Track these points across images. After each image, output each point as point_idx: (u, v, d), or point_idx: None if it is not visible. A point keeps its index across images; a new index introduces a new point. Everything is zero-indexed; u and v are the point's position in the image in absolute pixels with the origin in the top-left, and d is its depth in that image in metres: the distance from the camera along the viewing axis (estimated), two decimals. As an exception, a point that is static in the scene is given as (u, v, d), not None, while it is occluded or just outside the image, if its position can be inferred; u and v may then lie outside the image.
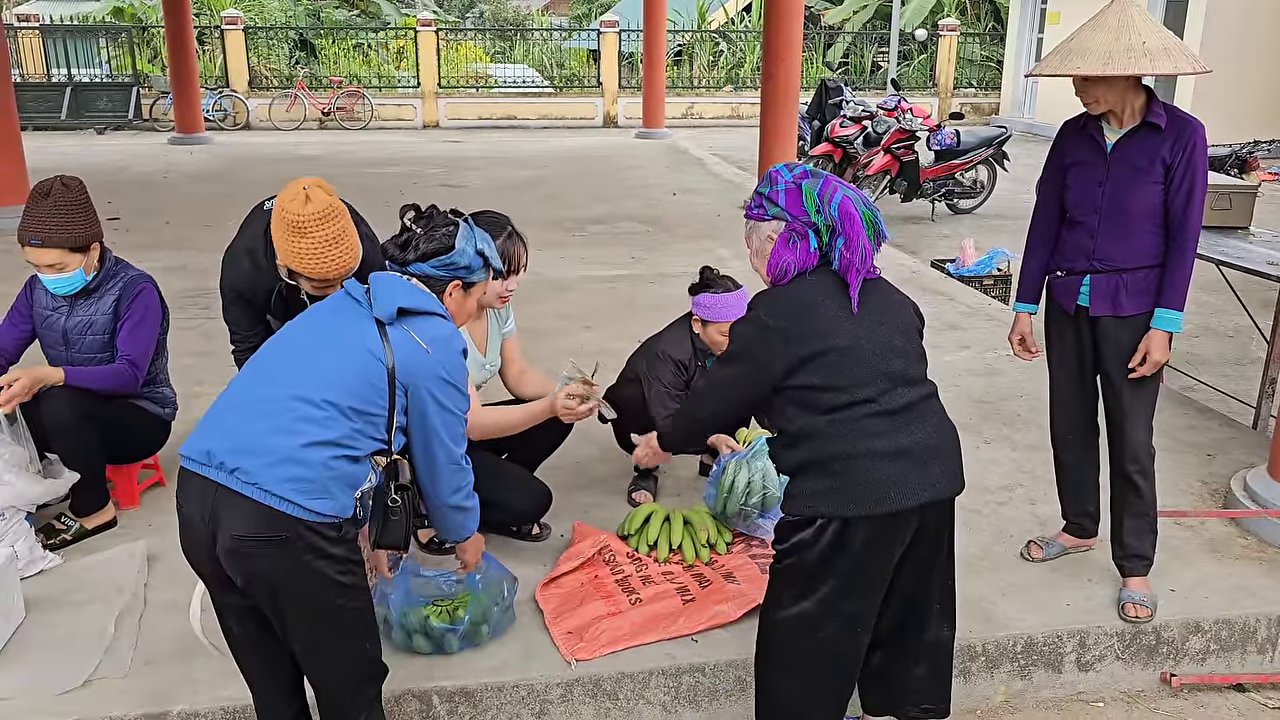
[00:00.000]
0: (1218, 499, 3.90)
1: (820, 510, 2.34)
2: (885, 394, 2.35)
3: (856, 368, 2.34)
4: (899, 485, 2.32)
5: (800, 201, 2.38)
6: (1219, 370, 6.04)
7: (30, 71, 19.39)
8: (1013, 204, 11.22)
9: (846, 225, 2.34)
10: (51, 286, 3.43)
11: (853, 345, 2.34)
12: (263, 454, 2.12)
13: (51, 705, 2.63)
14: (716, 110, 21.05)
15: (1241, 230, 5.08)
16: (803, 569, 2.39)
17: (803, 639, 2.42)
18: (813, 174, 2.42)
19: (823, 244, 2.39)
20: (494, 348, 3.44)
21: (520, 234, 3.26)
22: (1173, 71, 2.85)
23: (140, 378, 3.54)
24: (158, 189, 11.70)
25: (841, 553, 2.34)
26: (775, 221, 2.44)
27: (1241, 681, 3.16)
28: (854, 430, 2.33)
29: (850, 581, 2.37)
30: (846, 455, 2.32)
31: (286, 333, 2.38)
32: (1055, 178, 3.19)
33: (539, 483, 3.39)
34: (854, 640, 2.45)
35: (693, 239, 8.86)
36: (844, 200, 2.35)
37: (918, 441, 2.36)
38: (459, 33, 25.22)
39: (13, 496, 3.14)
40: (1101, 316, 3.09)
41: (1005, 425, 4.58)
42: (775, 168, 2.48)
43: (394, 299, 2.28)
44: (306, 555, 2.13)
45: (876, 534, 2.33)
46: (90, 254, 3.43)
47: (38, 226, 3.29)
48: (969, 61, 22.53)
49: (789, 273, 2.41)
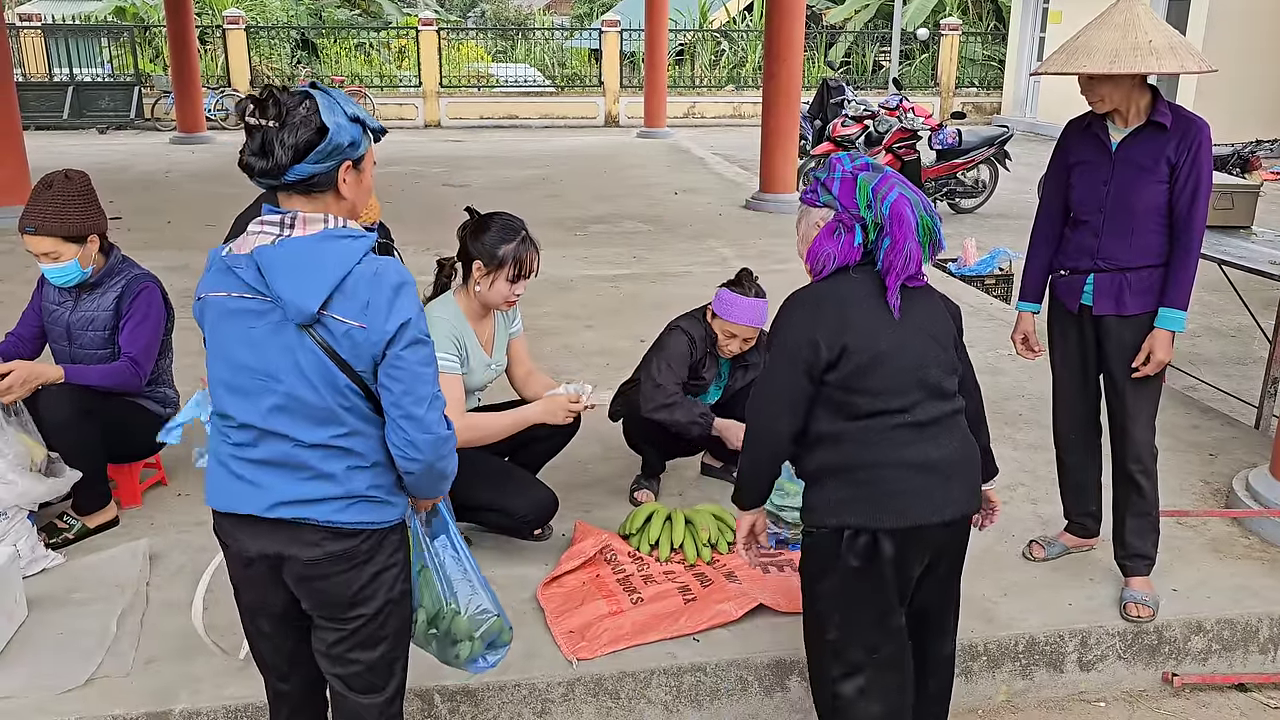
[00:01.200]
0: (1220, 499, 3.90)
1: (845, 520, 2.28)
2: (918, 405, 2.28)
3: (894, 375, 2.26)
4: (922, 498, 2.26)
5: (853, 193, 2.28)
6: (1221, 370, 6.04)
7: (32, 71, 19.41)
8: (1014, 203, 11.22)
9: (895, 226, 2.24)
10: (49, 276, 3.45)
11: (891, 351, 2.26)
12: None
13: (54, 704, 2.63)
14: (718, 110, 21.05)
15: (1244, 230, 5.08)
16: (837, 588, 2.33)
17: (867, 659, 2.35)
18: (874, 168, 2.32)
19: (868, 240, 2.29)
20: (500, 348, 3.44)
21: (533, 239, 3.25)
22: (1179, 70, 2.84)
23: (143, 376, 3.54)
24: (160, 188, 11.71)
25: (874, 566, 2.28)
26: (825, 209, 2.34)
27: (1243, 681, 3.16)
28: (884, 439, 2.27)
29: (888, 596, 2.32)
30: (874, 464, 2.26)
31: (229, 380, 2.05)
32: (1059, 177, 3.18)
33: (544, 488, 3.39)
34: (905, 651, 2.39)
35: (694, 238, 8.86)
36: (898, 200, 2.25)
37: (944, 456, 2.30)
38: (461, 32, 25.22)
39: (16, 495, 3.14)
40: (1105, 316, 3.09)
41: (1007, 425, 4.57)
42: (838, 155, 2.39)
43: (304, 294, 1.91)
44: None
45: (903, 548, 2.28)
46: (88, 246, 3.42)
47: (34, 214, 3.32)
48: (971, 61, 22.52)
49: (827, 266, 2.31)
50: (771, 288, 3.70)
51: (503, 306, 3.29)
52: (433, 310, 3.22)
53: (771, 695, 2.90)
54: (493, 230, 3.20)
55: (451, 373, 3.15)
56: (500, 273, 3.18)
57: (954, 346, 2.40)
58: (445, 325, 3.18)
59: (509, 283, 3.20)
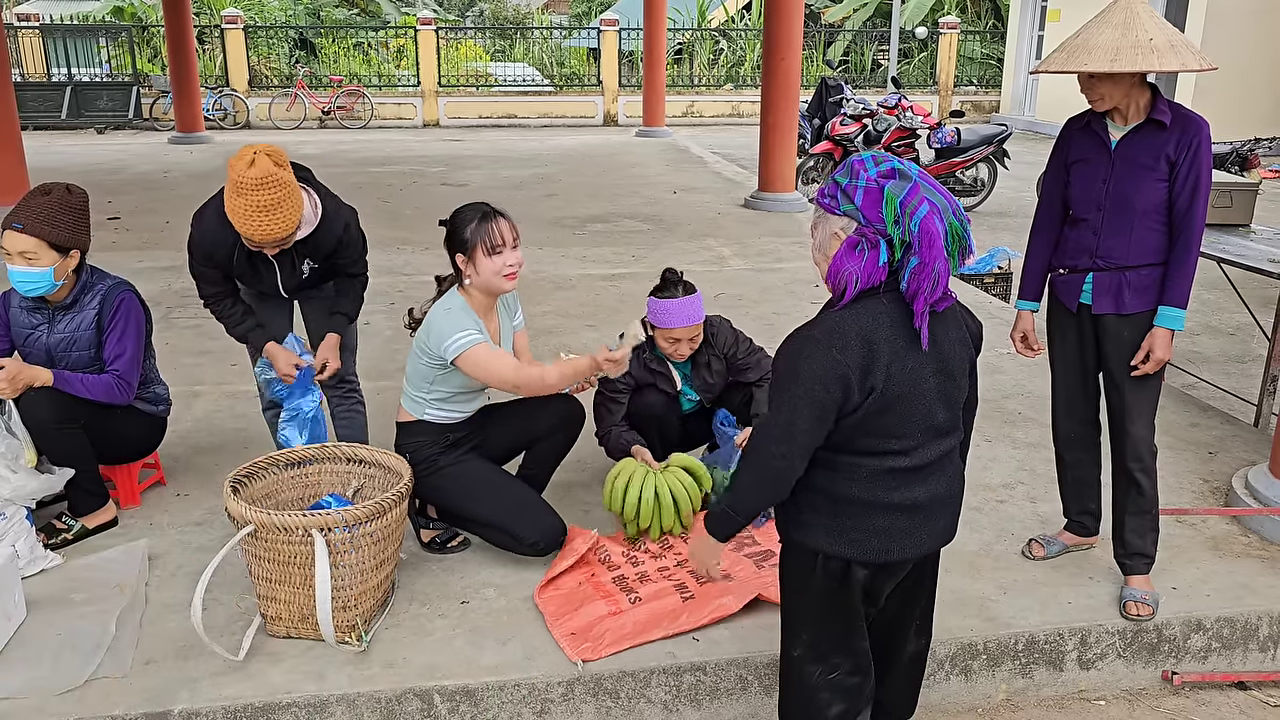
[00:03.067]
0: (1219, 497, 3.90)
1: (821, 547, 2.23)
2: (919, 448, 2.18)
3: (902, 420, 2.14)
4: (905, 537, 2.22)
5: (879, 206, 2.06)
6: (1220, 368, 6.04)
7: (30, 71, 19.40)
8: (1013, 202, 11.23)
9: (924, 247, 2.02)
10: (15, 279, 3.31)
11: (904, 395, 2.11)
12: None
13: (52, 705, 2.63)
14: (717, 108, 21.05)
15: (1242, 228, 5.08)
16: (810, 604, 2.33)
17: (819, 678, 2.35)
18: (901, 175, 2.09)
19: (894, 259, 2.08)
20: (507, 340, 3.45)
21: (498, 211, 3.20)
22: (1179, 69, 2.83)
23: (131, 392, 3.50)
24: (158, 188, 11.70)
25: (846, 591, 2.27)
26: (846, 219, 2.12)
27: (1243, 679, 3.16)
28: (876, 481, 2.18)
29: (854, 620, 2.31)
30: (859, 502, 2.19)
31: None
32: (1059, 175, 3.18)
33: (554, 515, 3.36)
34: (863, 678, 2.39)
35: (693, 237, 8.86)
36: (928, 216, 2.03)
37: (932, 495, 2.23)
38: (459, 31, 25.21)
39: (10, 491, 3.13)
40: (1104, 314, 3.09)
41: (1006, 423, 4.57)
42: (860, 156, 2.16)
43: None
44: None
45: (876, 577, 2.28)
46: (68, 260, 3.36)
47: (26, 213, 3.27)
48: (969, 59, 22.52)
49: (850, 287, 2.09)
50: (771, 285, 3.70)
51: (504, 285, 3.22)
52: (440, 305, 3.23)
53: (771, 694, 2.90)
54: (457, 221, 3.21)
55: (481, 342, 3.15)
56: (476, 253, 3.15)
57: (968, 374, 2.29)
58: (456, 311, 3.19)
59: (489, 257, 3.15)
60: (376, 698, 2.70)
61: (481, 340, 3.16)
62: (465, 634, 2.95)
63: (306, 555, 2.76)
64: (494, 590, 3.17)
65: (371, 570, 2.89)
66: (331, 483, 3.26)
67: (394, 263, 7.61)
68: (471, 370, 3.15)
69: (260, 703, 2.65)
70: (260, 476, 3.12)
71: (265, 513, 2.75)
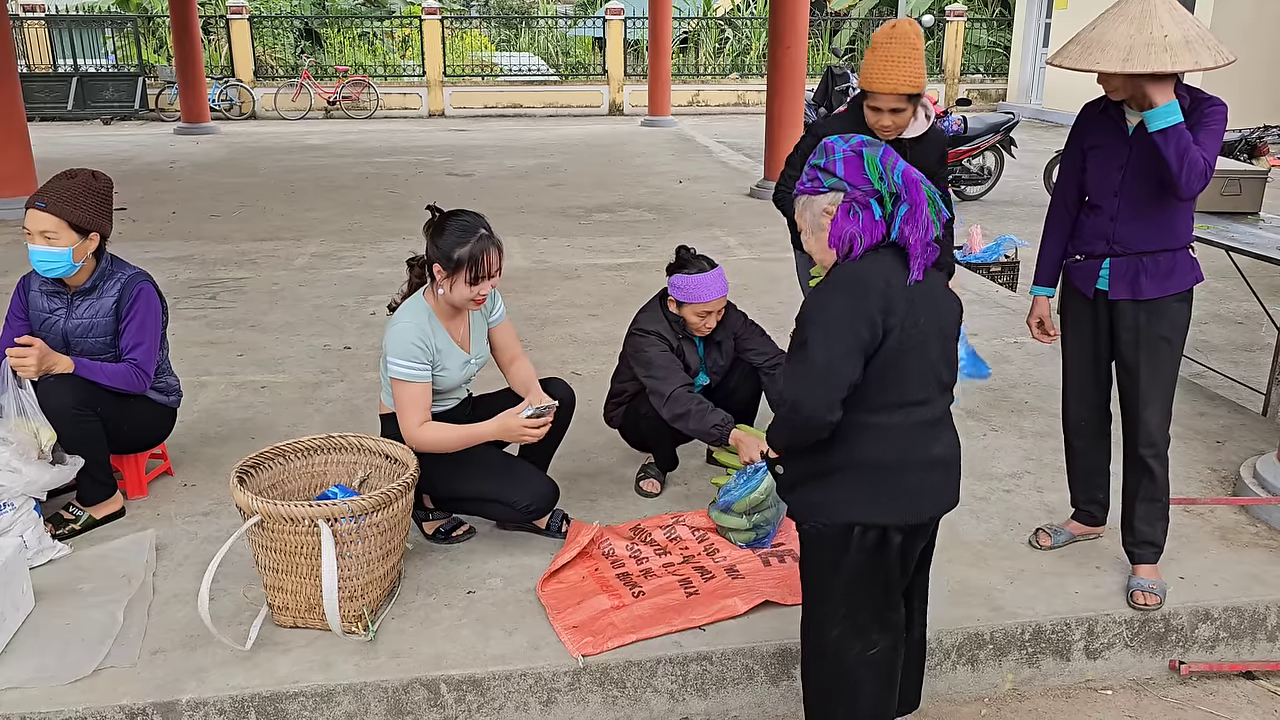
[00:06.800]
0: (1227, 486, 3.89)
1: (857, 518, 2.26)
2: (933, 400, 2.27)
3: (918, 372, 2.22)
4: (933, 494, 2.29)
5: (861, 169, 2.22)
6: (1228, 356, 6.02)
7: (36, 62, 19.42)
8: (1020, 190, 11.19)
9: (912, 192, 2.20)
10: (35, 258, 3.36)
11: (915, 348, 2.21)
12: None
13: (61, 694, 2.64)
14: (722, 97, 21.00)
15: (1251, 216, 5.06)
16: (848, 582, 2.32)
17: (856, 655, 2.35)
18: (870, 143, 2.26)
19: (885, 213, 2.23)
20: (479, 340, 3.38)
21: (494, 238, 3.14)
22: (1193, 67, 2.75)
23: (148, 382, 3.54)
24: (164, 179, 11.71)
25: (884, 560, 2.29)
26: (833, 194, 2.25)
27: (1251, 669, 3.15)
28: (904, 437, 2.24)
29: (893, 589, 2.34)
30: (893, 464, 2.25)
31: None
32: (1074, 161, 3.16)
33: (544, 478, 3.36)
34: (897, 654, 2.41)
35: (699, 226, 8.84)
36: (907, 168, 2.22)
37: (946, 451, 2.32)
38: (464, 21, 25.16)
39: (23, 484, 3.15)
40: (1120, 300, 3.07)
41: (1013, 413, 4.56)
42: (829, 139, 2.30)
43: None
44: None
45: (909, 540, 2.30)
46: (88, 242, 3.40)
47: (50, 193, 3.33)
48: (976, 47, 22.43)
49: (855, 246, 2.22)
50: (777, 275, 3.69)
51: (471, 307, 3.21)
52: (400, 316, 3.18)
53: (778, 684, 2.90)
54: (448, 231, 3.10)
55: (413, 380, 3.11)
56: (458, 276, 3.08)
57: (957, 332, 2.40)
58: (409, 332, 3.12)
59: (469, 285, 3.10)
60: (383, 687, 2.71)
61: (417, 380, 3.12)
62: (471, 624, 2.95)
63: (313, 545, 2.77)
64: (500, 580, 3.18)
65: (378, 560, 2.89)
66: (338, 473, 3.26)
67: (400, 253, 7.61)
68: (395, 397, 3.16)
69: (267, 692, 2.66)
70: (267, 467, 3.12)
71: (272, 503, 2.75)
